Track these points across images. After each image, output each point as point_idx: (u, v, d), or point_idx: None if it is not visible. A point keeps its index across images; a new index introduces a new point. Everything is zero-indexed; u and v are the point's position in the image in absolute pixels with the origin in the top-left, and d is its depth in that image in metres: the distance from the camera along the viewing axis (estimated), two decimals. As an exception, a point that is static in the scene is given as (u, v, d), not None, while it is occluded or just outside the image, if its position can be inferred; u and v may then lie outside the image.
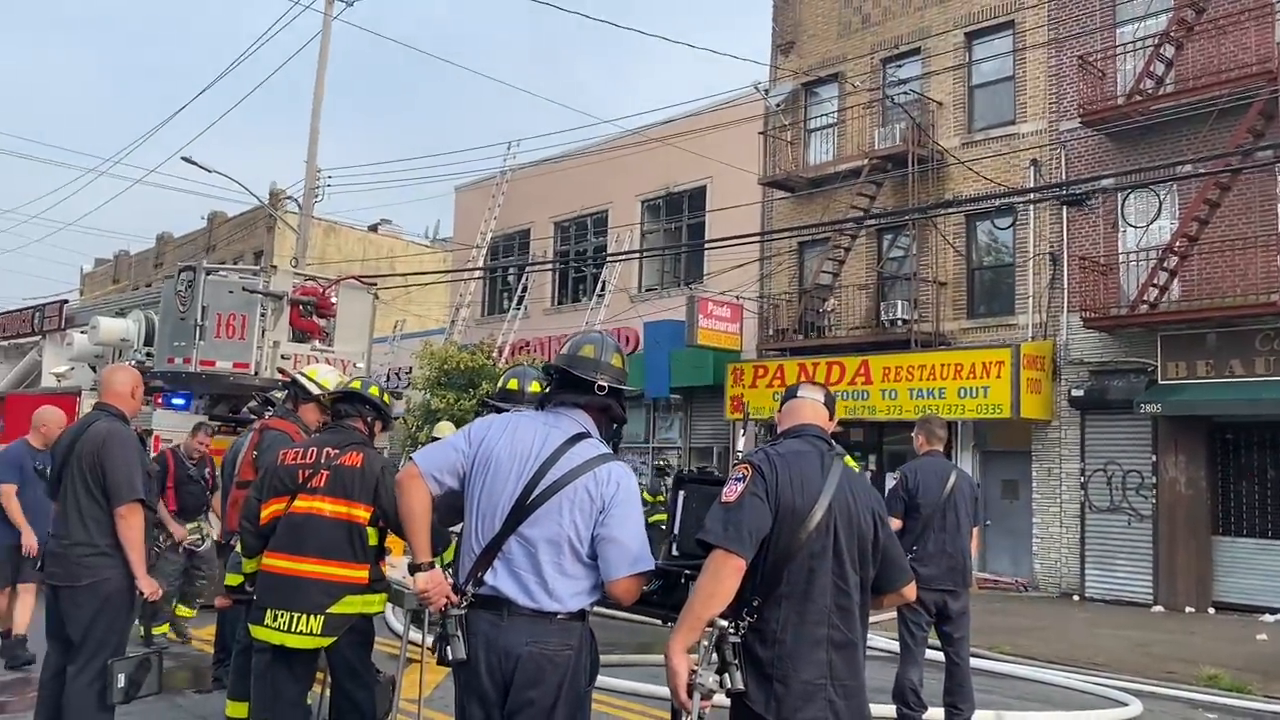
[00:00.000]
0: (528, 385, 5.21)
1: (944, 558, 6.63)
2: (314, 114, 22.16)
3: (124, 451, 5.11)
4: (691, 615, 2.94)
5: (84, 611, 4.98)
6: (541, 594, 3.20)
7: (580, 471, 3.26)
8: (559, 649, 3.19)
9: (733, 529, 2.98)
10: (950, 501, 6.68)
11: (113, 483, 5.02)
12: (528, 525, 3.24)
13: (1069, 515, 17.10)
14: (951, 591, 6.67)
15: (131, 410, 5.48)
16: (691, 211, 24.26)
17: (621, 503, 3.26)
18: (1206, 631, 13.17)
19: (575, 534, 3.22)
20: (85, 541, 5.01)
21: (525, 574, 3.22)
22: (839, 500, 3.12)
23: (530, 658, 3.16)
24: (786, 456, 3.16)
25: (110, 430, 5.15)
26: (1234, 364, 15.16)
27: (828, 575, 3.07)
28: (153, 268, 44.02)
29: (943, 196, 18.60)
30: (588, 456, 3.30)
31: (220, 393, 10.86)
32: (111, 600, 5.02)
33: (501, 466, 3.32)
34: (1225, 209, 15.48)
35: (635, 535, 3.26)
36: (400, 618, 7.05)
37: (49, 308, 14.50)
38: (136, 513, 5.07)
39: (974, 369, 17.08)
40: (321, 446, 4.84)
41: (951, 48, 19.51)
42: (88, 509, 5.04)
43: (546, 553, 3.22)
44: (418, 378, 23.52)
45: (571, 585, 3.22)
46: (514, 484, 3.28)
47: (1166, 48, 16.23)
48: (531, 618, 3.19)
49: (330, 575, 4.60)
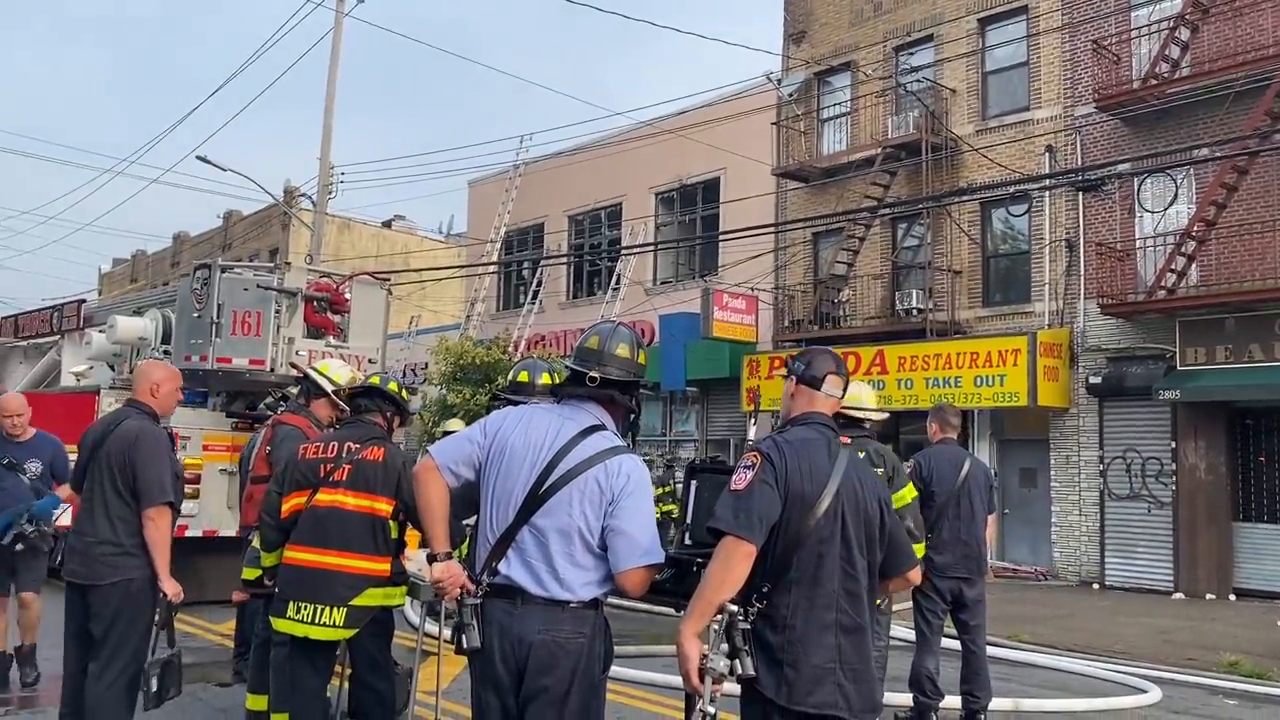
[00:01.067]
0: (538, 377, 5.24)
1: (959, 545, 6.62)
2: (327, 111, 22.21)
3: (155, 452, 5.07)
4: (702, 601, 2.98)
5: (108, 610, 4.96)
6: (553, 583, 3.22)
7: (591, 463, 3.28)
8: (571, 636, 3.22)
9: (743, 516, 3.01)
10: (965, 489, 6.67)
11: (143, 484, 4.98)
12: (540, 515, 3.26)
13: (1088, 503, 17.02)
14: (967, 579, 6.67)
15: (163, 409, 5.39)
16: (705, 203, 24.23)
17: (631, 495, 3.27)
18: (1227, 618, 13.09)
19: (585, 525, 3.25)
20: (111, 540, 4.97)
21: (537, 563, 3.25)
22: (846, 487, 3.15)
23: (543, 645, 3.19)
24: (795, 444, 3.18)
25: (141, 430, 5.10)
26: (1253, 349, 15.05)
27: (836, 560, 3.10)
28: (170, 266, 44.28)
29: (957, 184, 18.50)
30: (599, 448, 3.32)
31: (237, 389, 10.92)
32: (135, 599, 5.00)
33: (515, 457, 3.35)
34: (1243, 193, 15.36)
35: (644, 528, 3.27)
36: (416, 610, 7.09)
37: (67, 307, 14.58)
38: (165, 515, 5.06)
39: (990, 357, 17.00)
40: (342, 441, 4.87)
41: (964, 34, 19.39)
42: (115, 508, 5.00)
43: (557, 543, 3.24)
44: (433, 373, 23.61)
45: (582, 575, 3.25)
46: (528, 474, 3.31)
47: (1182, 31, 16.10)
48: (544, 606, 3.22)
49: (353, 568, 4.65)
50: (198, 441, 10.43)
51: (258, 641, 5.62)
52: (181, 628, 9.15)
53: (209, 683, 7.44)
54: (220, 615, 9.35)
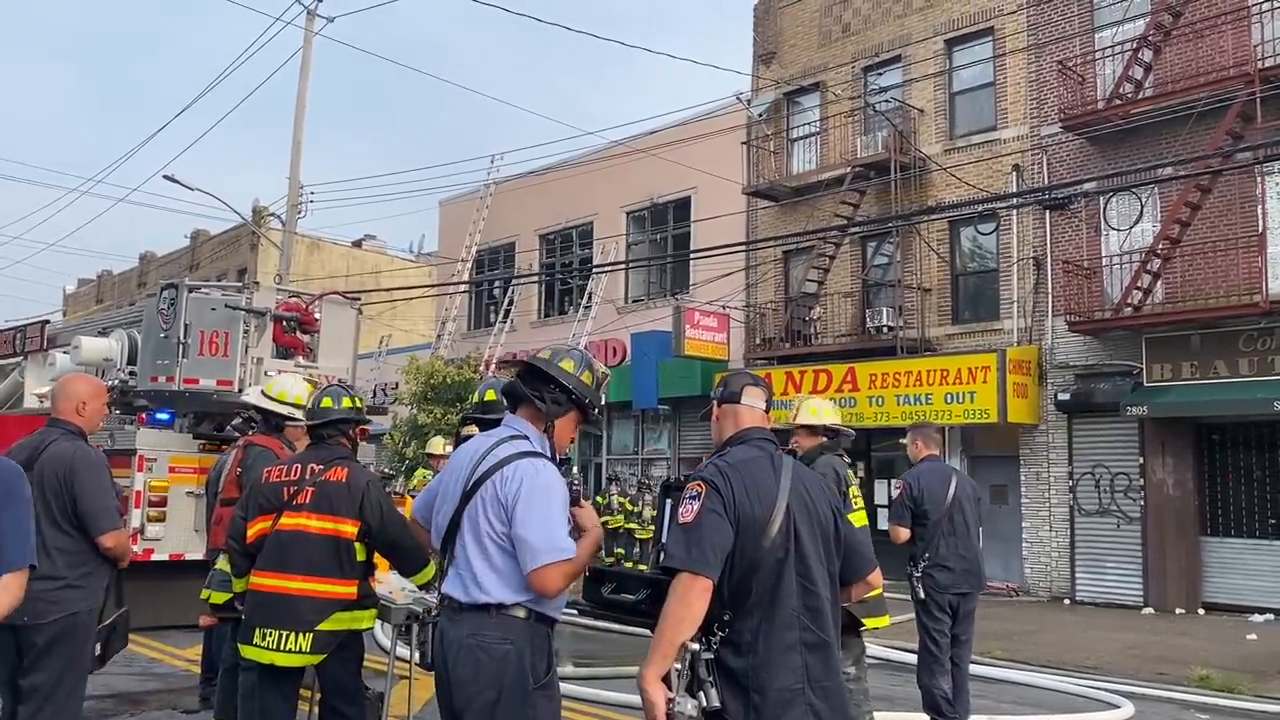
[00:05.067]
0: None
1: (958, 560, 6.63)
2: (296, 129, 22.11)
3: (97, 478, 4.66)
4: (664, 642, 2.86)
5: (47, 649, 4.48)
6: (474, 588, 3.35)
7: (491, 471, 3.40)
8: (496, 642, 3.29)
9: (696, 550, 2.91)
10: (956, 504, 6.68)
11: (88, 513, 4.57)
12: (462, 527, 3.42)
13: (1058, 519, 17.13)
14: (965, 594, 6.67)
15: (90, 427, 4.93)
16: (676, 222, 24.29)
17: (523, 500, 3.32)
18: (1197, 632, 13.19)
19: (492, 530, 3.36)
20: (50, 575, 4.41)
21: (463, 572, 3.39)
22: (796, 500, 3.07)
23: (467, 649, 3.29)
24: (737, 466, 3.09)
25: (77, 453, 4.66)
26: (1218, 365, 15.23)
27: (793, 579, 3.00)
28: (136, 287, 43.80)
29: (926, 203, 18.68)
30: (502, 456, 3.44)
31: (204, 410, 10.78)
32: (77, 636, 4.58)
33: (446, 479, 3.59)
34: (1206, 211, 15.57)
35: (538, 529, 3.29)
36: (388, 633, 7.00)
37: (30, 328, 14.37)
38: (117, 536, 4.72)
39: (960, 374, 17.11)
40: (306, 463, 4.82)
41: (932, 55, 19.60)
42: (52, 539, 4.49)
43: (474, 549, 3.38)
44: (404, 393, 23.46)
45: (499, 578, 3.34)
46: (456, 491, 3.48)
47: (1145, 52, 16.35)
48: (473, 613, 3.33)
49: (318, 592, 4.58)
50: (164, 463, 10.25)
51: (225, 667, 5.53)
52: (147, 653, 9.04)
53: (175, 709, 7.30)
54: (186, 640, 9.19)
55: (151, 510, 10.07)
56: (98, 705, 7.01)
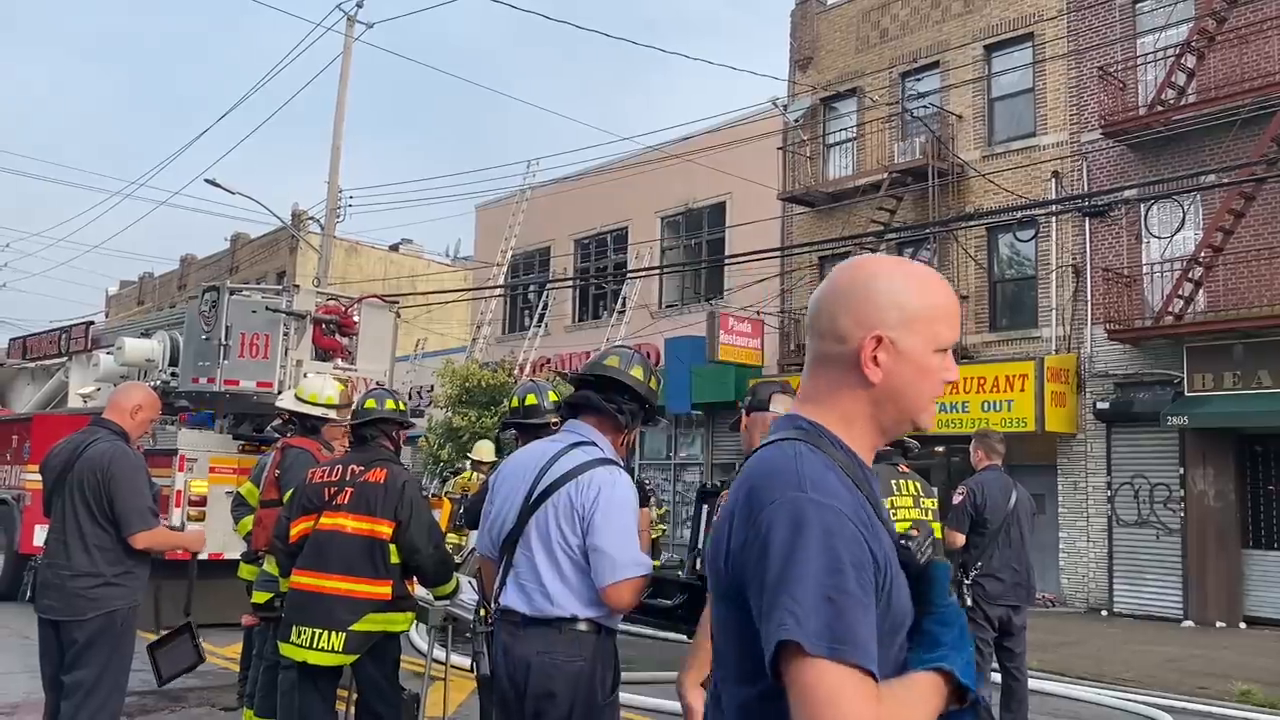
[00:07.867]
0: (545, 399, 5.14)
1: (1010, 572, 6.58)
2: (335, 134, 22.33)
3: (135, 479, 4.72)
4: (702, 649, 2.81)
5: (88, 645, 4.57)
6: (543, 601, 3.23)
7: (566, 479, 3.29)
8: (568, 659, 3.20)
9: None
10: (1014, 516, 6.65)
11: (122, 512, 4.64)
12: (527, 536, 3.29)
13: (1096, 530, 16.93)
14: (1015, 607, 6.61)
15: (136, 433, 5.02)
16: (711, 227, 24.28)
17: (602, 510, 3.23)
18: (1238, 646, 12.98)
19: (564, 541, 3.25)
20: (90, 572, 4.57)
21: (529, 584, 3.27)
22: None
23: (540, 667, 3.19)
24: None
25: (115, 454, 4.73)
26: (1261, 375, 14.99)
27: None
28: (177, 289, 44.37)
29: (963, 210, 18.54)
30: (576, 463, 3.33)
31: (244, 412, 10.92)
32: (118, 632, 4.65)
33: (505, 485, 3.45)
34: (1250, 218, 15.35)
35: (617, 542, 3.23)
36: (425, 635, 7.04)
37: (75, 329, 14.62)
38: (151, 534, 4.79)
39: (997, 382, 16.96)
40: (348, 464, 4.89)
41: (970, 61, 19.48)
42: (92, 536, 4.62)
43: (543, 560, 3.26)
44: (439, 396, 23.58)
45: (571, 591, 3.23)
46: (517, 498, 3.36)
47: (1188, 58, 16.15)
48: (541, 628, 3.22)
49: (353, 592, 4.64)
50: (204, 464, 10.40)
51: (265, 664, 5.59)
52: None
53: (214, 706, 7.40)
54: (226, 638, 9.30)
55: (192, 510, 10.22)
56: (139, 701, 7.13)
